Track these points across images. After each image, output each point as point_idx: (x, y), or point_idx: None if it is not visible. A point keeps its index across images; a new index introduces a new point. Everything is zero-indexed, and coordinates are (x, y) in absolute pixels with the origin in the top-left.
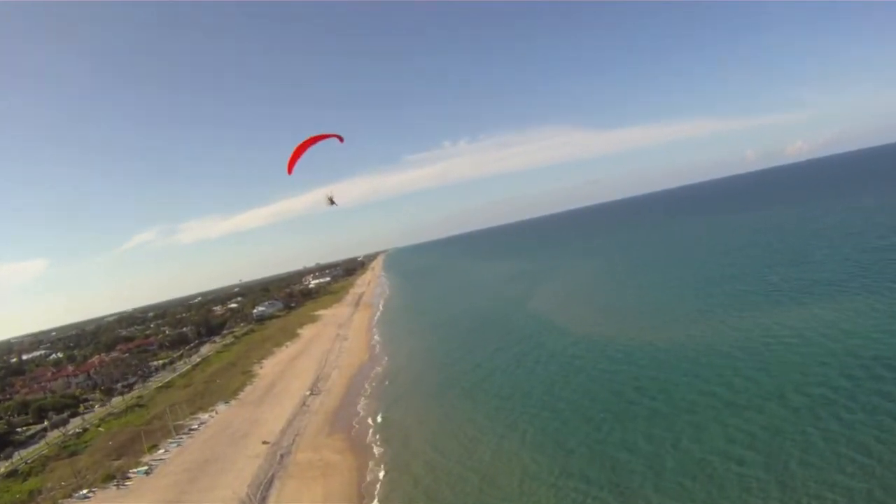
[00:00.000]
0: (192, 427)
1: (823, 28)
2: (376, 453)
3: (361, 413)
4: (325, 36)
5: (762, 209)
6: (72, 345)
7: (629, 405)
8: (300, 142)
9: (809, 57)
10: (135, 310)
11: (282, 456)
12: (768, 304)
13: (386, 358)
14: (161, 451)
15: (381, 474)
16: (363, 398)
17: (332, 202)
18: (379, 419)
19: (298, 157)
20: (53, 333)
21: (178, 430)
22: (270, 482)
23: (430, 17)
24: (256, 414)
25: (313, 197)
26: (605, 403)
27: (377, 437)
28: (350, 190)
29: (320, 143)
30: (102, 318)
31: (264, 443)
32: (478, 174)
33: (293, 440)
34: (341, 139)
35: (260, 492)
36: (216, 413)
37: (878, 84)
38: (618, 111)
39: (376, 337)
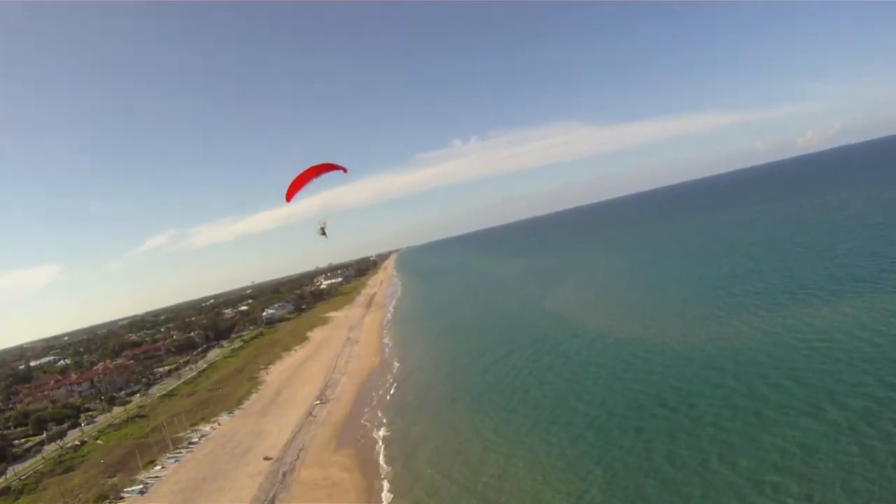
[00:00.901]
0: (193, 440)
1: (828, 19)
2: (383, 473)
3: (369, 425)
4: (335, 35)
5: (777, 201)
6: (81, 350)
7: (649, 419)
8: (302, 171)
9: (816, 48)
10: (147, 314)
11: (284, 474)
12: (794, 304)
13: (396, 363)
14: (158, 467)
15: (387, 496)
16: (372, 408)
17: (323, 232)
18: (387, 433)
19: (300, 186)
20: (66, 338)
21: (176, 443)
22: None
23: (437, 17)
24: (261, 425)
25: (325, 198)
26: (622, 417)
27: (385, 453)
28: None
29: (324, 175)
30: (115, 322)
31: (266, 458)
32: (489, 172)
33: (297, 455)
34: (345, 170)
35: None
36: (218, 424)
37: (884, 75)
38: (625, 106)
39: (387, 340)
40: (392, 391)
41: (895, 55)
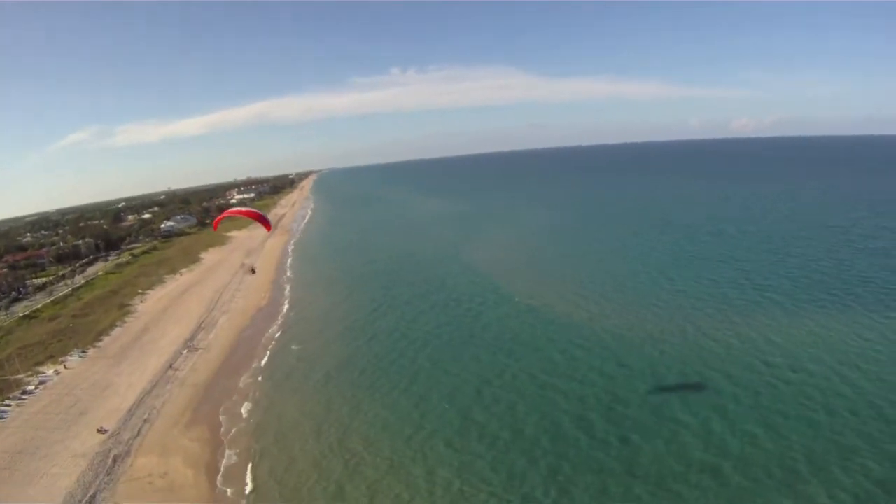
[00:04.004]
0: (29, 388)
1: (779, 14)
2: (235, 479)
3: (236, 397)
4: None
5: (715, 179)
6: None
7: (565, 447)
8: (229, 210)
9: (767, 40)
10: (58, 211)
11: (115, 459)
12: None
13: (286, 306)
14: None
15: None
16: (245, 370)
17: (252, 272)
18: (253, 411)
19: (222, 219)
20: None
21: (7, 391)
22: None
23: None
24: (110, 375)
25: (252, 111)
26: (531, 442)
27: (245, 445)
28: (292, 105)
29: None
30: (22, 219)
31: (100, 431)
32: (423, 105)
33: (139, 431)
34: (269, 228)
35: None
36: (65, 368)
37: (824, 74)
38: (566, 61)
39: (283, 273)
40: (272, 347)
41: (841, 60)
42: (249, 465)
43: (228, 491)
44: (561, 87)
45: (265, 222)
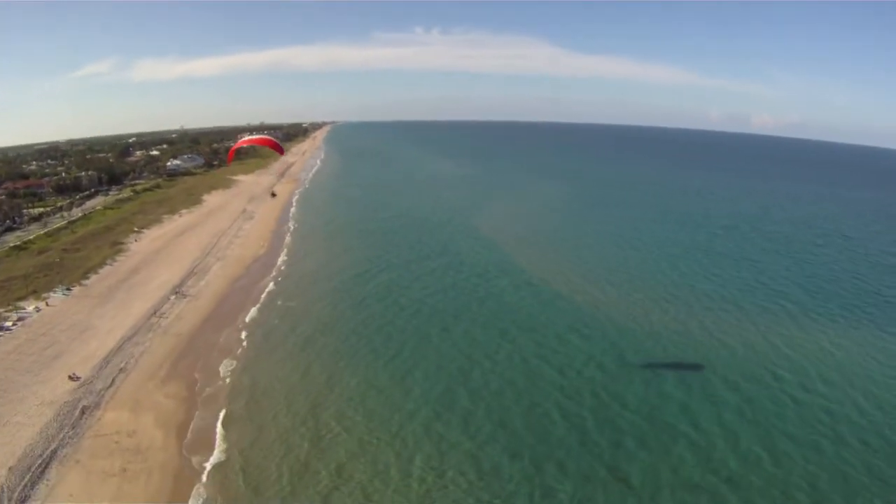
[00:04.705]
0: (5, 325)
1: (812, 18)
2: (204, 438)
3: (217, 354)
4: None
5: (739, 174)
6: None
7: (575, 442)
8: (243, 140)
9: (800, 40)
10: (68, 141)
11: (83, 411)
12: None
13: (283, 258)
14: None
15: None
16: (233, 325)
17: (273, 195)
18: (235, 370)
19: (237, 148)
20: None
21: None
22: (45, 468)
23: None
24: (92, 317)
25: (270, 56)
26: (536, 424)
27: (221, 405)
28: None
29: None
30: (32, 146)
31: (72, 378)
32: (443, 67)
33: (112, 381)
34: (282, 153)
35: (21, 487)
36: (46, 305)
37: (848, 81)
38: (592, 35)
39: (284, 223)
40: (263, 300)
41: (871, 71)
42: (217, 433)
43: (193, 459)
44: (583, 63)
45: (278, 148)
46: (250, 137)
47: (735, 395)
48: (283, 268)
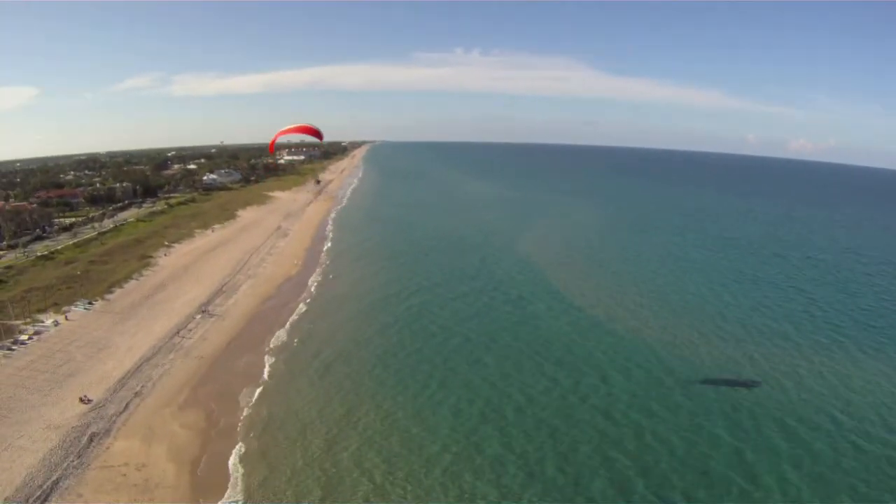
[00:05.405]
0: (21, 338)
1: (848, 42)
2: (216, 477)
3: (241, 380)
4: None
5: (787, 200)
6: (18, 180)
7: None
8: (282, 130)
9: (837, 63)
10: (108, 153)
11: (91, 438)
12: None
13: (318, 276)
14: None
15: None
16: (259, 350)
17: (317, 182)
18: (260, 400)
19: (278, 137)
20: (18, 165)
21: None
22: (43, 501)
23: None
24: (113, 334)
25: (310, 74)
26: (570, 482)
27: (230, 436)
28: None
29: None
30: (72, 157)
31: (83, 400)
32: (482, 88)
33: (126, 405)
34: (321, 137)
35: None
36: (66, 319)
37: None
38: (632, 60)
39: (319, 243)
40: (293, 322)
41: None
42: (231, 472)
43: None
44: (621, 85)
45: (318, 134)
46: (290, 127)
47: (792, 444)
48: (314, 288)
